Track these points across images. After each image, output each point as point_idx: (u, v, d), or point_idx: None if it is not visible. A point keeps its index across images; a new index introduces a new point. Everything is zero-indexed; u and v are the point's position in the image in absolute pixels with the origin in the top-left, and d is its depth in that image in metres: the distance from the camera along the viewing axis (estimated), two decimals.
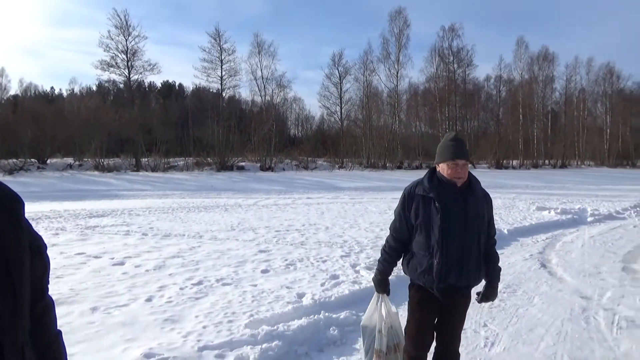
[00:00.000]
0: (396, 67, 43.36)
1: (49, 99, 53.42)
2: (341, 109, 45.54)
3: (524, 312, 4.71)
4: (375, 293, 2.94)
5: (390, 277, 2.88)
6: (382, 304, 2.90)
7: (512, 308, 4.80)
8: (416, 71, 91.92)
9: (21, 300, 1.05)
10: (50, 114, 35.91)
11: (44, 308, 1.21)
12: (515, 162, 45.93)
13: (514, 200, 16.26)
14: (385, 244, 2.83)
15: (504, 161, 44.47)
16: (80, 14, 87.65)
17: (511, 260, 7.04)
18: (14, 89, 50.33)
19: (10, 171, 29.07)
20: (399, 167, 40.63)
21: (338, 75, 44.94)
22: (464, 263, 2.58)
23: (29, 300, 1.08)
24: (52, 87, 63.37)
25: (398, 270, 5.91)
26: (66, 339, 3.98)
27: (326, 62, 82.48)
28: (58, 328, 1.26)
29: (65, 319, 4.26)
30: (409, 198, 2.68)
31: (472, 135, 45.97)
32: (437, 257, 2.56)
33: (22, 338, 1.04)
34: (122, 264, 6.48)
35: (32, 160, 32.28)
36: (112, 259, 6.78)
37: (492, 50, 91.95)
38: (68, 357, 1.28)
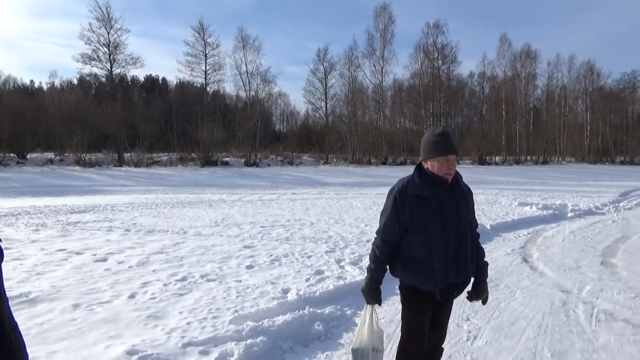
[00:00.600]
0: (381, 63, 43.59)
1: (29, 93, 52.30)
2: (326, 104, 45.62)
3: (505, 306, 4.79)
4: (366, 307, 2.71)
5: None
6: (374, 317, 2.70)
7: (494, 302, 4.87)
8: (401, 67, 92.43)
9: None
10: (30, 108, 35.16)
11: (5, 296, 1.24)
12: (498, 159, 46.54)
13: (497, 196, 16.48)
14: (374, 251, 2.64)
15: (487, 157, 45.00)
16: (60, 5, 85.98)
17: (493, 255, 7.14)
18: None
19: None
20: (384, 163, 40.84)
21: (323, 70, 45.00)
22: (461, 261, 2.54)
23: None
24: (31, 81, 62.24)
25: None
26: (47, 336, 3.89)
27: (311, 57, 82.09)
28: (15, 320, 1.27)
29: (47, 316, 4.19)
30: (401, 198, 2.53)
31: (456, 131, 46.41)
32: (437, 259, 2.48)
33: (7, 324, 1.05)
34: (104, 260, 6.40)
35: (11, 155, 31.62)
36: (95, 255, 6.69)
37: (476, 46, 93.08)
38: (48, 355, 1.28)
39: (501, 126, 46.77)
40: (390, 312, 4.59)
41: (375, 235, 2.68)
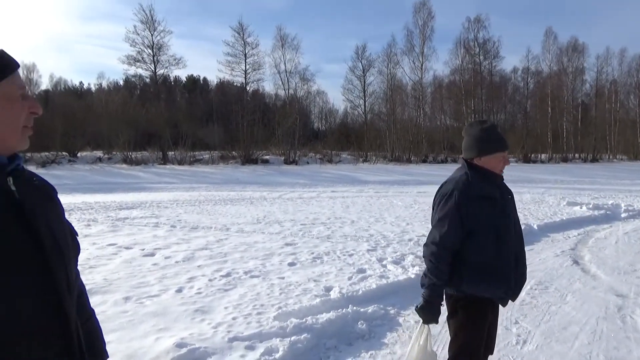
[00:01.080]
0: (420, 59, 42.84)
1: (78, 94, 54.68)
2: (365, 102, 45.31)
3: (556, 309, 4.61)
4: (421, 326, 2.45)
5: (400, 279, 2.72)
6: (429, 338, 2.46)
7: (544, 305, 4.70)
8: (441, 63, 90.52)
9: (72, 276, 1.11)
10: (80, 109, 36.85)
11: (81, 287, 1.30)
12: (544, 156, 44.88)
13: (544, 195, 15.91)
14: (433, 262, 2.32)
15: (532, 155, 43.53)
16: (107, 9, 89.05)
17: (542, 256, 6.90)
18: (44, 84, 51.62)
19: (43, 164, 29.94)
20: (424, 161, 40.22)
21: (362, 68, 44.64)
22: (520, 261, 2.44)
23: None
24: (80, 82, 64.81)
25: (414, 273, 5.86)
26: (102, 327, 4.04)
27: (350, 55, 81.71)
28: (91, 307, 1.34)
29: (100, 307, 4.36)
30: (465, 201, 2.31)
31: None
32: (507, 262, 2.35)
33: (75, 316, 1.10)
34: (152, 255, 6.60)
35: (63, 153, 33.18)
36: (143, 250, 6.92)
37: (519, 41, 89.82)
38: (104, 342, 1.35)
39: (547, 123, 45.03)
40: None
41: (430, 245, 2.37)
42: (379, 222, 9.67)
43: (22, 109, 1.06)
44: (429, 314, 2.36)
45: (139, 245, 7.26)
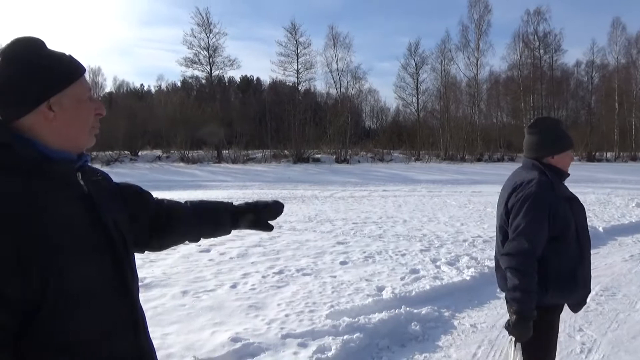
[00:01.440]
0: (476, 55, 41.57)
1: (139, 96, 57.21)
2: (417, 99, 44.51)
3: (625, 317, 4.33)
4: (514, 345, 2.18)
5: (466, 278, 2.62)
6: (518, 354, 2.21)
7: (611, 313, 4.43)
8: (497, 59, 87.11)
9: (134, 265, 1.23)
10: (141, 110, 38.60)
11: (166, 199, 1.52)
12: (609, 155, 42.33)
13: (610, 195, 14.99)
14: (523, 272, 2.09)
15: (597, 153, 41.17)
16: (166, 13, 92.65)
17: (608, 260, 6.51)
18: (109, 87, 54.41)
19: (107, 162, 31.68)
20: (479, 160, 39.02)
21: (414, 65, 43.88)
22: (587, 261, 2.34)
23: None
24: (141, 84, 67.73)
25: (480, 271, 5.67)
26: (161, 319, 4.19)
27: (402, 52, 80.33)
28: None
29: (160, 300, 4.55)
30: (554, 202, 2.17)
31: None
32: (587, 264, 2.26)
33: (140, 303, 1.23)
34: (208, 251, 6.80)
35: (126, 152, 34.92)
36: (199, 245, 7.13)
37: (583, 33, 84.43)
38: (162, 337, 1.40)
39: (613, 119, 42.37)
40: (491, 316, 4.36)
41: (516, 255, 2.11)
42: (432, 222, 9.48)
43: (89, 110, 1.13)
44: (526, 329, 2.10)
45: None
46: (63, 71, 1.09)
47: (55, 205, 1.02)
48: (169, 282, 5.21)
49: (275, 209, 1.67)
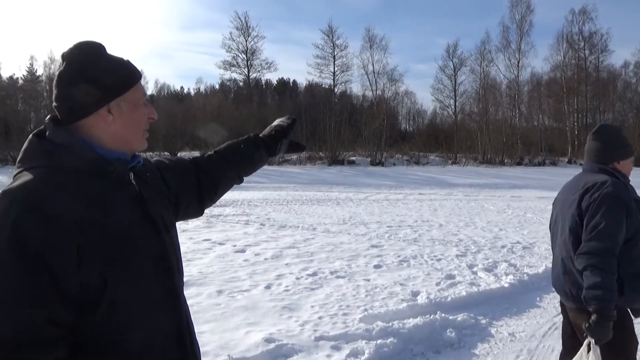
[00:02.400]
0: (517, 56, 40.52)
1: (179, 98, 58.67)
2: (455, 102, 43.82)
3: None
4: (590, 345, 2.07)
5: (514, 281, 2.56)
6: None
7: None
8: (540, 60, 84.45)
9: (181, 262, 1.28)
10: (181, 112, 39.56)
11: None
12: None
13: None
14: (606, 271, 2.06)
15: None
16: (205, 18, 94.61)
17: None
18: (150, 89, 56.06)
19: None
20: (519, 164, 37.93)
21: (452, 67, 43.25)
22: None
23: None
24: (181, 87, 69.47)
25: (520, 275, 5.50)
26: (197, 317, 4.26)
27: (440, 53, 79.03)
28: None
29: (196, 299, 4.63)
30: (629, 202, 2.18)
31: None
32: None
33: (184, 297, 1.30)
34: (243, 251, 6.90)
35: (166, 153, 35.86)
36: (234, 246, 7.26)
37: (631, 33, 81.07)
38: (197, 335, 1.44)
39: None
40: (531, 325, 4.23)
41: (595, 255, 2.10)
42: (468, 227, 9.28)
43: (144, 114, 1.18)
44: (606, 329, 2.04)
45: (231, 241, 7.63)
46: (123, 76, 1.12)
47: (115, 205, 1.07)
48: (205, 281, 5.31)
49: (291, 124, 1.88)
